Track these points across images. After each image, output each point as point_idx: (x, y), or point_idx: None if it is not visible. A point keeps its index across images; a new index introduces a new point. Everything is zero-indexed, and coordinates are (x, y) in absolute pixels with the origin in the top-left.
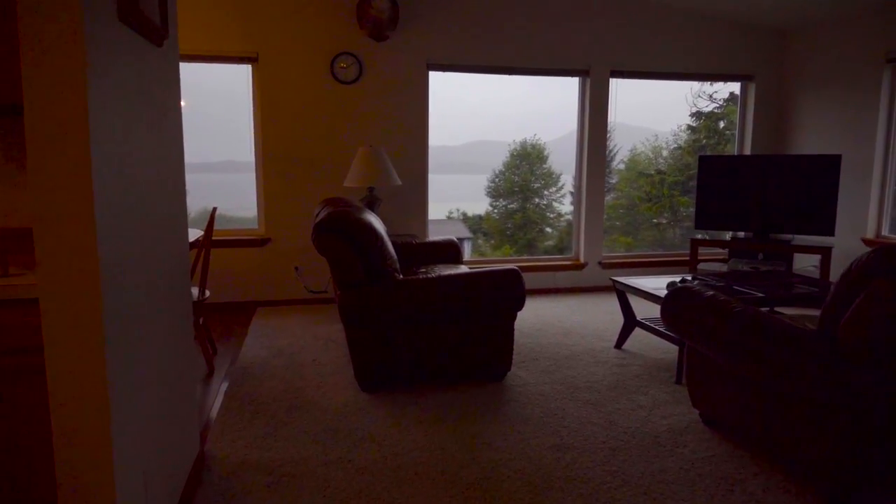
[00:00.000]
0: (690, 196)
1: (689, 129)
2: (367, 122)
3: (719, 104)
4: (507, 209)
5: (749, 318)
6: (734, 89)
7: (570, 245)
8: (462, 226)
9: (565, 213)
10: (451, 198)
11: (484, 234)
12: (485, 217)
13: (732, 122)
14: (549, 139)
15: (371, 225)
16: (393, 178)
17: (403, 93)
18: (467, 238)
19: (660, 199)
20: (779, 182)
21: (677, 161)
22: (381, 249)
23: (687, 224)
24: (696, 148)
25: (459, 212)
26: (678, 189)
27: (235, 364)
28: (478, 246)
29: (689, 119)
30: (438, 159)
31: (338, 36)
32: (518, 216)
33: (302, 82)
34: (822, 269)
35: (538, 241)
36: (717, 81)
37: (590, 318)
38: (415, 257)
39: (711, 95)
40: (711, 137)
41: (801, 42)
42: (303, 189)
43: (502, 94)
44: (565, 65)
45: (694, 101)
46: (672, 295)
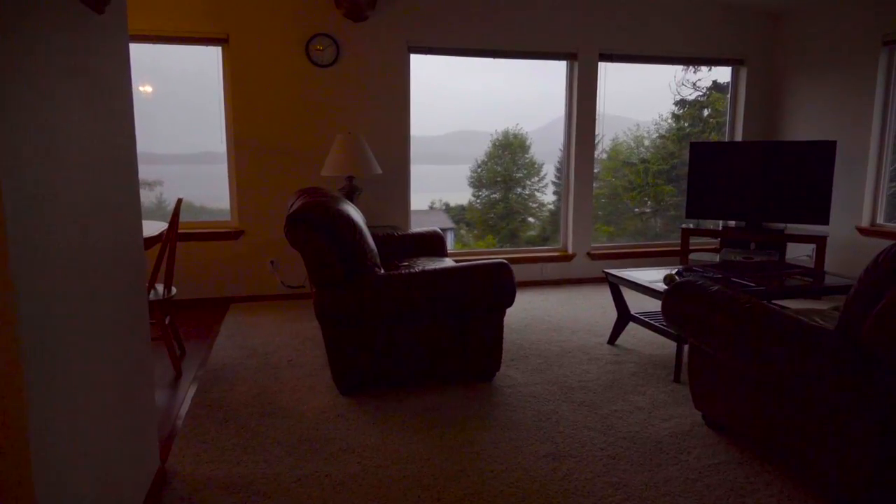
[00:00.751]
0: (675, 184)
1: (673, 117)
2: (345, 107)
3: (703, 92)
4: (489, 199)
5: (761, 316)
6: (718, 77)
7: (553, 235)
8: (445, 216)
9: (547, 202)
10: (434, 188)
11: (467, 225)
12: (467, 207)
13: (717, 111)
14: (532, 129)
15: (349, 216)
16: (373, 167)
17: (383, 76)
18: (450, 228)
19: (644, 187)
20: (772, 169)
21: (660, 150)
22: (360, 242)
23: (671, 213)
24: (680, 136)
25: (442, 202)
26: (662, 178)
27: (205, 366)
28: (461, 236)
29: (673, 107)
30: (421, 149)
31: (313, 16)
32: (501, 206)
33: (276, 65)
34: (816, 259)
35: (521, 231)
36: (708, 65)
37: (580, 312)
38: (397, 250)
39: (695, 83)
40: (696, 125)
41: (793, 24)
42: (278, 178)
43: (485, 81)
44: (552, 48)
45: (678, 89)
46: (674, 290)
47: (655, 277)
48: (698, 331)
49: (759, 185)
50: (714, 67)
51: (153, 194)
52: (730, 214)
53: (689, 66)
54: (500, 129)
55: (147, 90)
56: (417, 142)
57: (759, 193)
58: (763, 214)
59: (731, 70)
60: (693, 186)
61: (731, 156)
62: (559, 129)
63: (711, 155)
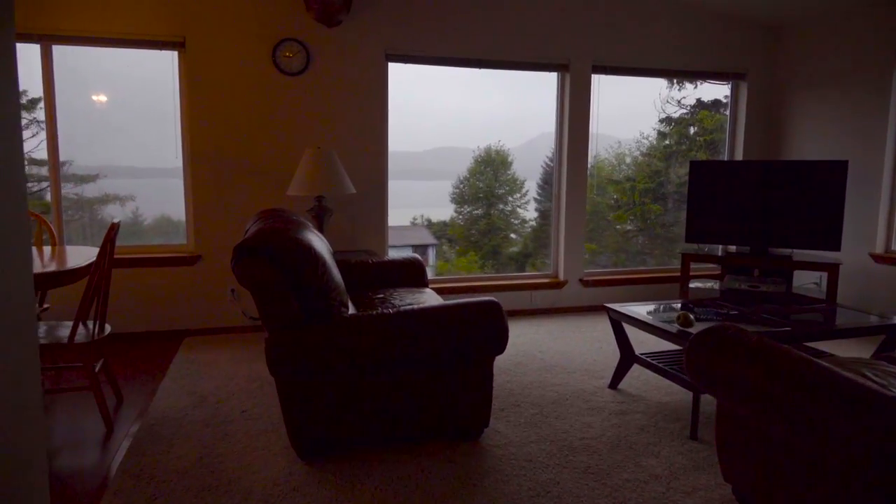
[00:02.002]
0: (661, 203)
1: (659, 134)
2: (315, 120)
3: (687, 110)
4: (471, 215)
5: (816, 375)
6: (702, 95)
7: (536, 251)
8: (426, 232)
9: (529, 219)
10: (416, 204)
11: (449, 241)
12: (449, 223)
13: (705, 128)
14: (514, 145)
15: (310, 246)
16: (345, 186)
17: (359, 86)
18: (432, 244)
19: (631, 206)
20: (778, 191)
21: (644, 167)
22: (323, 278)
23: (657, 231)
24: (666, 153)
25: (424, 218)
26: (649, 196)
27: (145, 418)
28: (442, 252)
29: (658, 125)
30: (403, 165)
31: (281, 19)
32: (483, 222)
33: (238, 72)
34: (828, 289)
35: (503, 247)
36: (707, 80)
37: (575, 347)
38: (371, 279)
39: (680, 101)
40: (682, 143)
41: (796, 38)
42: (239, 198)
43: (467, 96)
44: (543, 58)
45: (662, 106)
46: (701, 340)
47: (667, 316)
48: (734, 392)
49: (765, 208)
50: (700, 84)
51: (127, 210)
52: (733, 239)
53: (684, 81)
54: (482, 146)
55: (101, 99)
56: (399, 157)
57: (764, 217)
58: (769, 239)
59: (730, 85)
60: (693, 208)
61: (734, 176)
62: (541, 145)
63: (713, 175)
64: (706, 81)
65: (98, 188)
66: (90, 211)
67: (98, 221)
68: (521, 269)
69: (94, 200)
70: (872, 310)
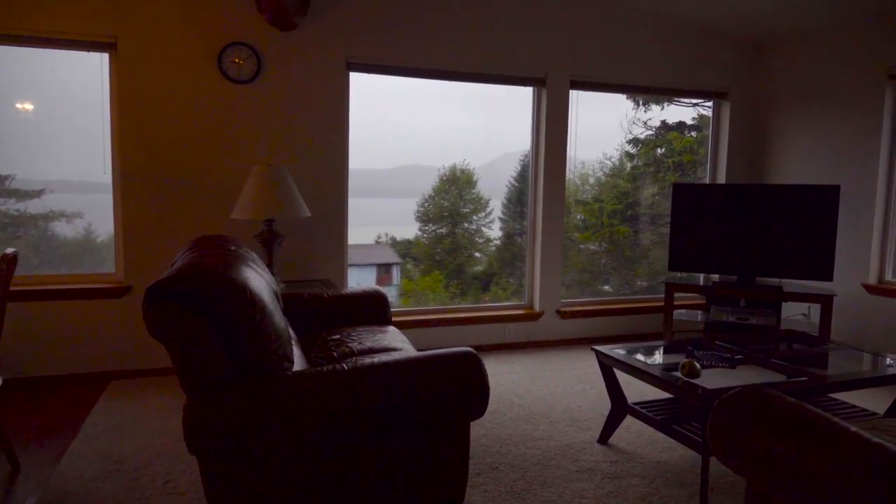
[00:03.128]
0: (629, 224)
1: (627, 155)
2: (266, 133)
3: (652, 131)
4: (436, 234)
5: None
6: (668, 117)
7: (501, 270)
8: (391, 251)
9: (494, 238)
10: (380, 222)
11: (413, 260)
12: (414, 242)
13: (673, 150)
14: (479, 164)
15: (246, 287)
16: (298, 208)
17: (316, 98)
18: (396, 263)
19: (599, 227)
20: (767, 216)
21: (609, 189)
22: (262, 326)
23: (626, 253)
24: (634, 175)
25: (388, 236)
26: (617, 218)
27: (41, 495)
28: (407, 271)
29: (626, 146)
30: (367, 183)
31: (229, 20)
32: (447, 241)
33: (178, 79)
34: (822, 322)
35: (467, 265)
36: (688, 98)
37: (556, 390)
38: (327, 316)
39: (646, 122)
40: (650, 165)
41: (781, 55)
42: (178, 220)
43: (434, 113)
44: (518, 72)
45: (629, 127)
46: (730, 407)
47: (666, 360)
48: (770, 470)
49: (752, 235)
50: (667, 105)
51: (78, 227)
52: (718, 267)
53: (663, 100)
54: (447, 164)
55: (27, 108)
56: (365, 175)
57: (751, 244)
58: (757, 268)
59: (712, 104)
60: (676, 235)
61: (720, 200)
62: (506, 164)
63: (696, 199)
64: (688, 99)
65: (43, 204)
66: (36, 228)
67: (49, 238)
68: (485, 288)
69: (38, 217)
70: (866, 345)
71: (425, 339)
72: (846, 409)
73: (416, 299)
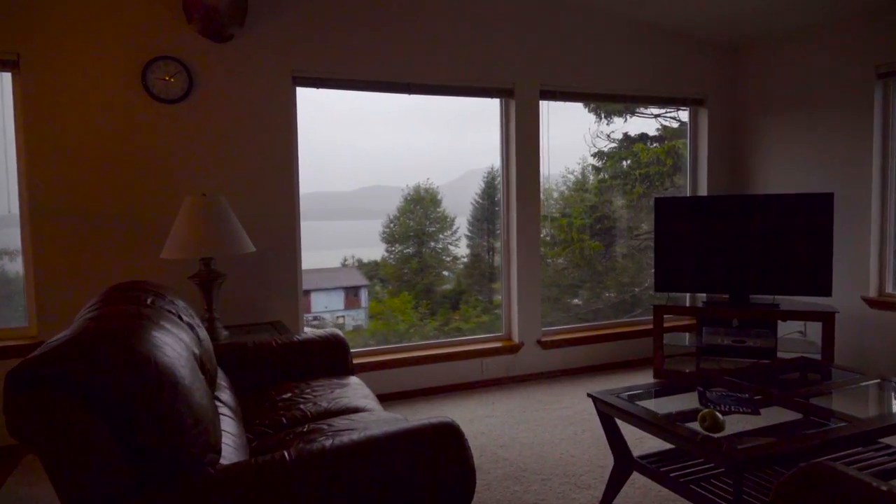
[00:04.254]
0: (599, 238)
1: (593, 169)
2: (202, 158)
3: (616, 144)
4: (403, 254)
5: None
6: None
7: (470, 288)
8: (358, 273)
9: (461, 256)
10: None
11: (381, 281)
12: (381, 263)
13: (639, 161)
14: (442, 182)
15: (150, 361)
16: (239, 243)
17: (259, 116)
18: (364, 285)
19: (569, 243)
20: (758, 229)
21: (574, 202)
22: (172, 411)
23: (597, 268)
24: (601, 188)
25: (354, 258)
26: (586, 233)
27: None
28: (375, 293)
29: (591, 159)
30: (331, 205)
31: (153, 32)
32: (415, 261)
33: (95, 99)
34: (824, 342)
35: (436, 284)
36: (663, 105)
37: (545, 435)
38: (278, 368)
39: (609, 135)
40: (617, 178)
41: (760, 58)
42: (100, 263)
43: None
44: (483, 82)
45: (593, 140)
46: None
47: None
48: None
49: (743, 249)
50: (629, 118)
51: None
52: (709, 286)
53: (639, 107)
54: (411, 184)
55: None
56: (327, 197)
57: (743, 260)
58: (750, 286)
59: (688, 112)
60: (662, 253)
61: (706, 213)
62: (470, 181)
63: (681, 213)
64: (659, 109)
65: None
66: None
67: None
68: (455, 306)
69: None
70: (870, 364)
71: (394, 381)
72: (884, 452)
73: (385, 320)
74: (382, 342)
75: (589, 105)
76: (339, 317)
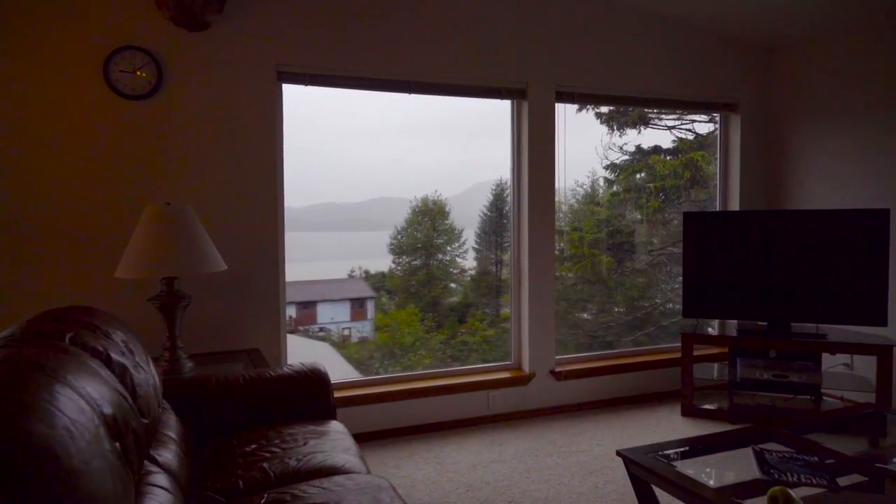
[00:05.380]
0: (611, 253)
1: (606, 182)
2: (170, 163)
3: (629, 156)
4: (410, 266)
5: None
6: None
7: (477, 301)
8: (364, 285)
9: (469, 268)
10: (354, 255)
11: (388, 293)
12: (388, 275)
13: (654, 174)
14: (451, 194)
15: (22, 436)
16: (207, 260)
17: (237, 116)
18: (370, 297)
19: (581, 258)
20: (801, 249)
21: (584, 216)
22: None
23: (610, 284)
24: (615, 202)
25: (362, 269)
26: (598, 248)
27: None
28: (382, 304)
29: (603, 171)
30: (339, 216)
31: (117, 17)
32: (422, 273)
33: (45, 93)
34: (879, 380)
35: (443, 297)
36: (690, 111)
37: (562, 489)
38: (245, 410)
39: (622, 147)
40: (630, 191)
41: (799, 60)
42: (40, 283)
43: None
44: (493, 81)
45: (605, 153)
46: None
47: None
48: None
49: (784, 271)
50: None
51: None
52: (745, 312)
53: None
54: (418, 196)
55: None
56: (336, 209)
57: (783, 283)
58: (791, 312)
59: (719, 118)
60: (691, 274)
61: (742, 230)
62: (479, 193)
63: (713, 230)
64: (692, 113)
65: None
66: None
67: None
68: (461, 319)
69: None
70: None
71: (387, 416)
72: None
73: (390, 333)
74: (388, 355)
75: (602, 117)
76: (345, 328)
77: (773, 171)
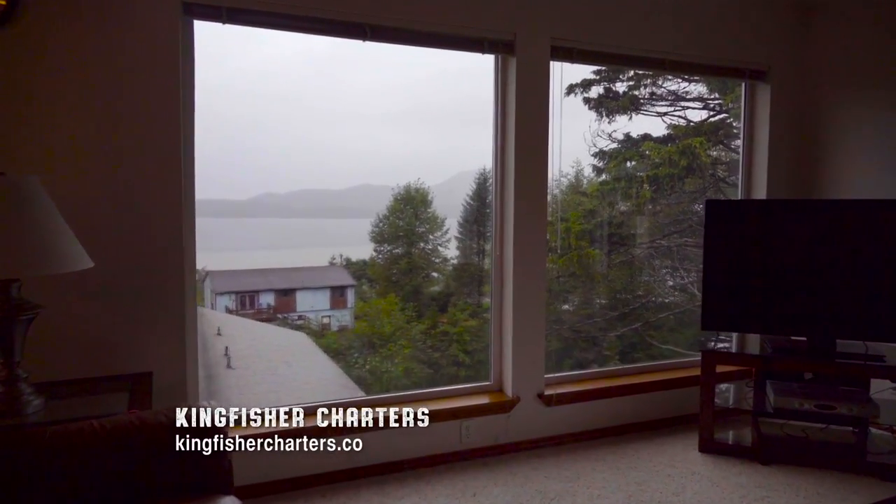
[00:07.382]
0: (597, 246)
1: (595, 170)
2: (18, 119)
3: (618, 144)
4: (391, 254)
5: None
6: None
7: (459, 290)
8: (345, 273)
9: (451, 257)
10: (335, 243)
11: (369, 281)
12: (369, 262)
13: (647, 162)
14: (434, 183)
15: None
16: (62, 257)
17: (124, 62)
18: (350, 285)
19: (567, 251)
20: (849, 248)
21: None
22: None
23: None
24: (603, 191)
25: (343, 257)
26: (585, 239)
27: None
28: (362, 293)
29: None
30: (321, 203)
31: None
32: (404, 261)
33: None
34: None
35: (424, 286)
36: (712, 76)
37: None
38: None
39: (611, 134)
40: (621, 180)
41: (839, 22)
42: None
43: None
44: (471, 30)
45: (593, 140)
46: None
47: None
48: None
49: (827, 277)
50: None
51: None
52: (779, 325)
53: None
54: (400, 184)
55: None
56: (318, 195)
57: (827, 291)
58: (837, 326)
59: (744, 88)
60: (713, 277)
61: (778, 225)
62: (462, 182)
63: (743, 223)
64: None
65: None
66: None
67: None
68: (443, 308)
69: None
70: None
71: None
72: None
73: (370, 322)
74: (367, 347)
75: (590, 102)
76: (325, 317)
77: (808, 154)
